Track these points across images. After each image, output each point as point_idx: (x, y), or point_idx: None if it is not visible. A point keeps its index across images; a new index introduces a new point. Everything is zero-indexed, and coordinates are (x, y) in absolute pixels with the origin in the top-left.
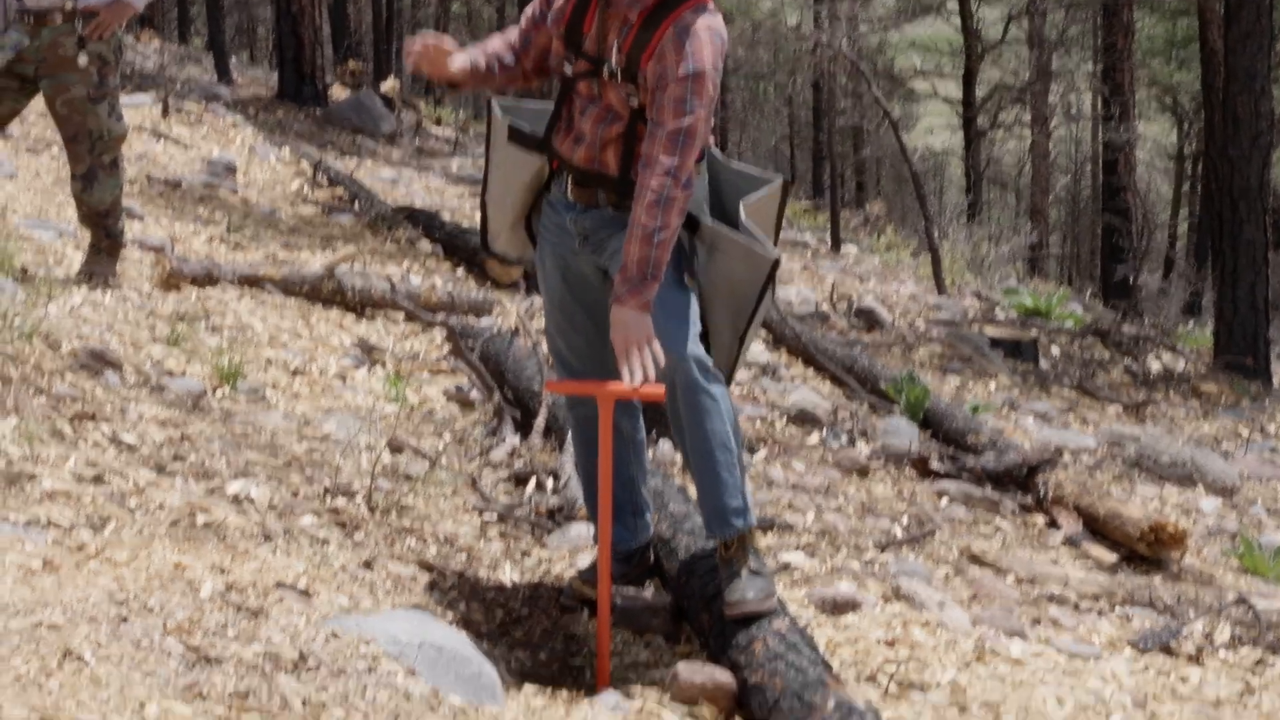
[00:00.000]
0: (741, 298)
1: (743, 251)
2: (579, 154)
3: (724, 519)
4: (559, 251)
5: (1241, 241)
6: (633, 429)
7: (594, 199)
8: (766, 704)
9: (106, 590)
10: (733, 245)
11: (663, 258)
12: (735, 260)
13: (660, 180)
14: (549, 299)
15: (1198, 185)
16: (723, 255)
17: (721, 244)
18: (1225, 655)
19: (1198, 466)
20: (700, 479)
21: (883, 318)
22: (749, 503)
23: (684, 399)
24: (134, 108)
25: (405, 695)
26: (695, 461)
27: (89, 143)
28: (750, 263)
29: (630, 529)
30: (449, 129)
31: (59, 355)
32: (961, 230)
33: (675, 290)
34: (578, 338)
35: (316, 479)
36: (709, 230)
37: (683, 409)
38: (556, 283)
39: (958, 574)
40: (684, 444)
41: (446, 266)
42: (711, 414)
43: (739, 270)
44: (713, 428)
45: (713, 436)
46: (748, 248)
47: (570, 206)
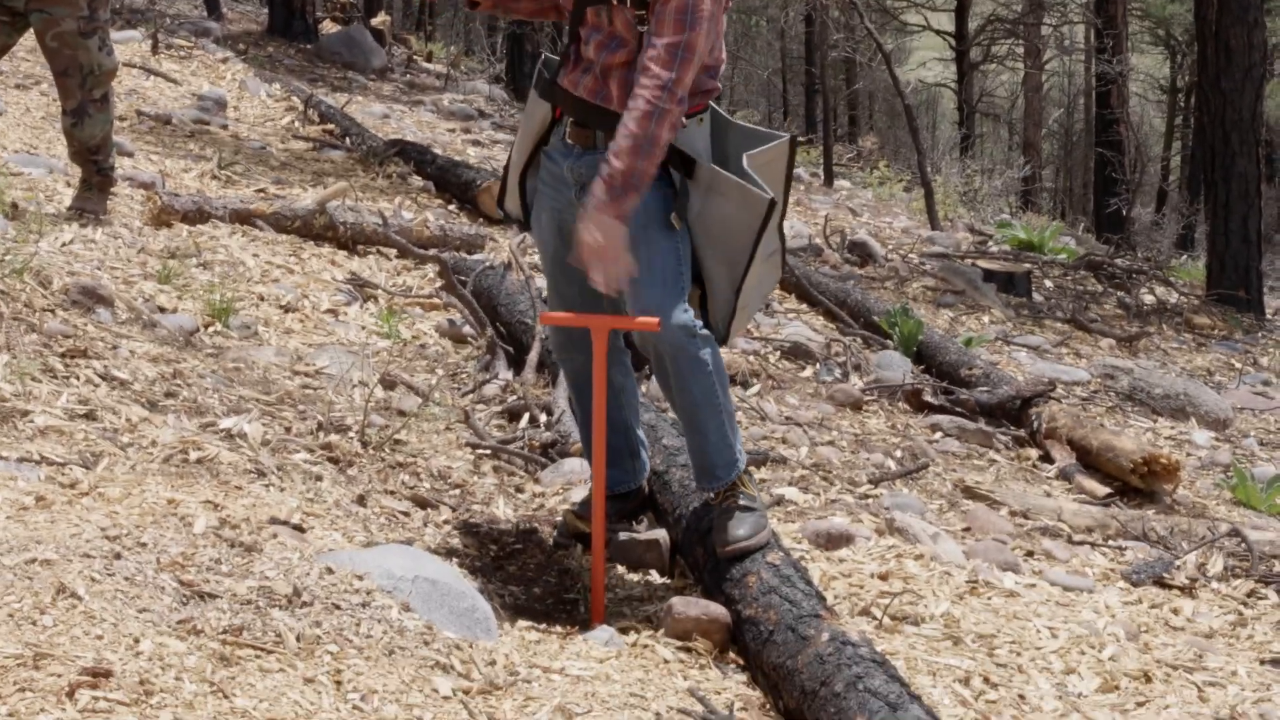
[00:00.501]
0: (737, 243)
1: (738, 192)
2: (584, 84)
3: (712, 475)
4: (555, 205)
5: (1234, 174)
6: (622, 377)
7: (592, 140)
8: (761, 637)
9: (100, 526)
10: (729, 186)
11: (648, 171)
12: (730, 202)
13: (655, 93)
14: (544, 253)
15: (1190, 118)
16: (718, 197)
17: (718, 185)
18: (1218, 587)
19: (1190, 399)
20: (689, 438)
21: (876, 252)
22: (738, 452)
23: (671, 366)
24: (124, 43)
25: (399, 630)
26: (683, 420)
27: (79, 77)
28: (745, 203)
29: (628, 471)
30: (440, 64)
31: (50, 292)
32: (954, 164)
33: (662, 250)
34: (571, 289)
35: (309, 415)
36: (705, 171)
37: (670, 373)
38: (551, 236)
39: (951, 507)
40: (672, 402)
41: (438, 202)
42: (699, 377)
43: (734, 212)
44: (700, 391)
45: (700, 399)
46: (742, 188)
47: (568, 152)
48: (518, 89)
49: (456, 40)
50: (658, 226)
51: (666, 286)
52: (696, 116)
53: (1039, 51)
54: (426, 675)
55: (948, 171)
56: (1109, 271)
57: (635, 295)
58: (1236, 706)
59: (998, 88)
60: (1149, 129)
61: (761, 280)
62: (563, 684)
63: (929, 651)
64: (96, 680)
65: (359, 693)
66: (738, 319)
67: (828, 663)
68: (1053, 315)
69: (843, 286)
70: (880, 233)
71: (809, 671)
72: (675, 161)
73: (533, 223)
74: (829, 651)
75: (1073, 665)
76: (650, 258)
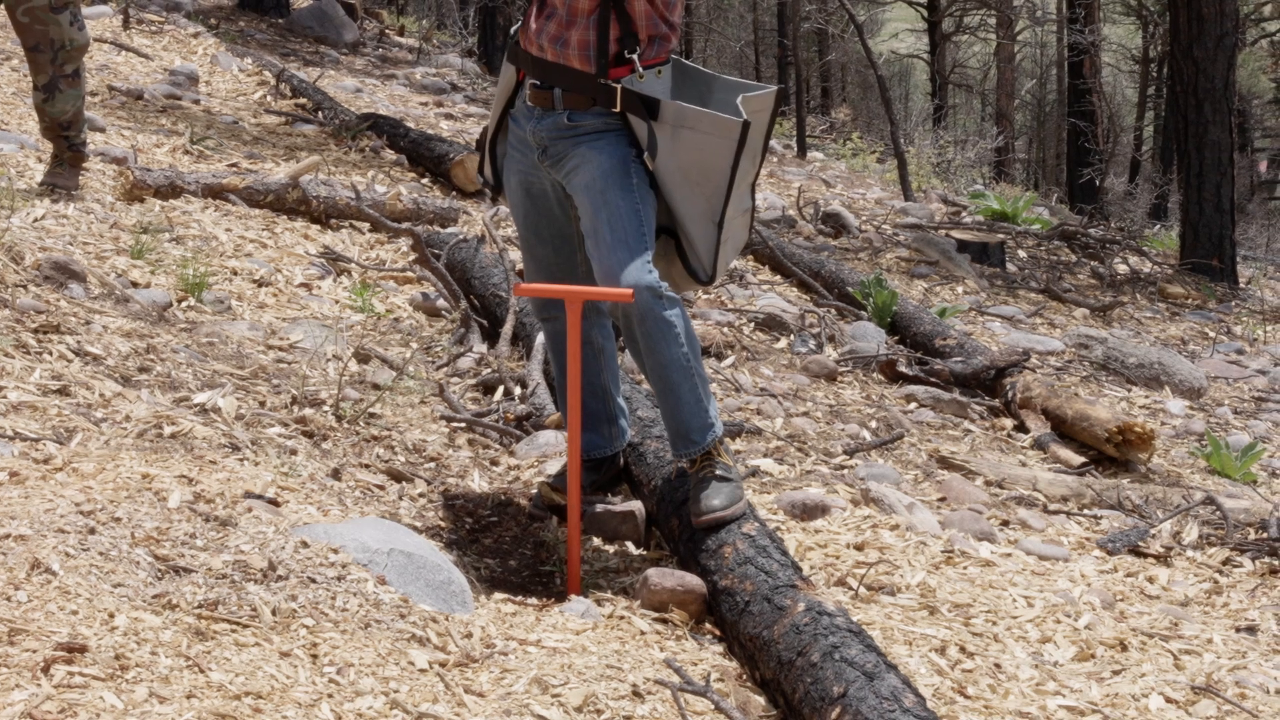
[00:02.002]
0: (715, 175)
1: (710, 121)
2: (547, 32)
3: (687, 439)
4: (521, 168)
5: (1207, 143)
6: (603, 339)
7: (549, 101)
8: (737, 608)
9: (74, 501)
10: (699, 118)
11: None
12: (703, 133)
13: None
14: (515, 215)
15: (1163, 88)
16: (689, 132)
17: (687, 119)
18: (1193, 555)
19: (1165, 368)
20: (662, 402)
21: (849, 223)
22: (712, 417)
23: (640, 328)
24: (95, 19)
25: (375, 603)
26: (655, 385)
27: (51, 53)
28: (720, 130)
29: (605, 436)
30: (412, 38)
31: (22, 267)
32: (927, 135)
33: (621, 211)
34: (544, 248)
35: (283, 389)
36: (671, 108)
37: (639, 337)
38: (520, 198)
39: (926, 477)
40: (643, 368)
41: (411, 176)
42: (668, 338)
43: (709, 143)
44: (670, 353)
45: (671, 361)
46: (713, 116)
47: (529, 115)
48: (490, 62)
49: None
50: (617, 188)
51: (630, 247)
52: (655, 68)
53: (1011, 22)
54: (403, 648)
55: (921, 143)
56: (1082, 241)
57: (598, 257)
58: (1212, 674)
59: (970, 59)
60: (1121, 99)
61: (735, 233)
62: (539, 656)
63: (905, 621)
64: (71, 655)
65: (335, 666)
66: (722, 254)
67: (804, 633)
68: (1027, 285)
69: (816, 258)
70: (854, 204)
71: (785, 642)
72: (637, 107)
73: (505, 186)
74: (805, 622)
75: (1049, 634)
76: (610, 219)
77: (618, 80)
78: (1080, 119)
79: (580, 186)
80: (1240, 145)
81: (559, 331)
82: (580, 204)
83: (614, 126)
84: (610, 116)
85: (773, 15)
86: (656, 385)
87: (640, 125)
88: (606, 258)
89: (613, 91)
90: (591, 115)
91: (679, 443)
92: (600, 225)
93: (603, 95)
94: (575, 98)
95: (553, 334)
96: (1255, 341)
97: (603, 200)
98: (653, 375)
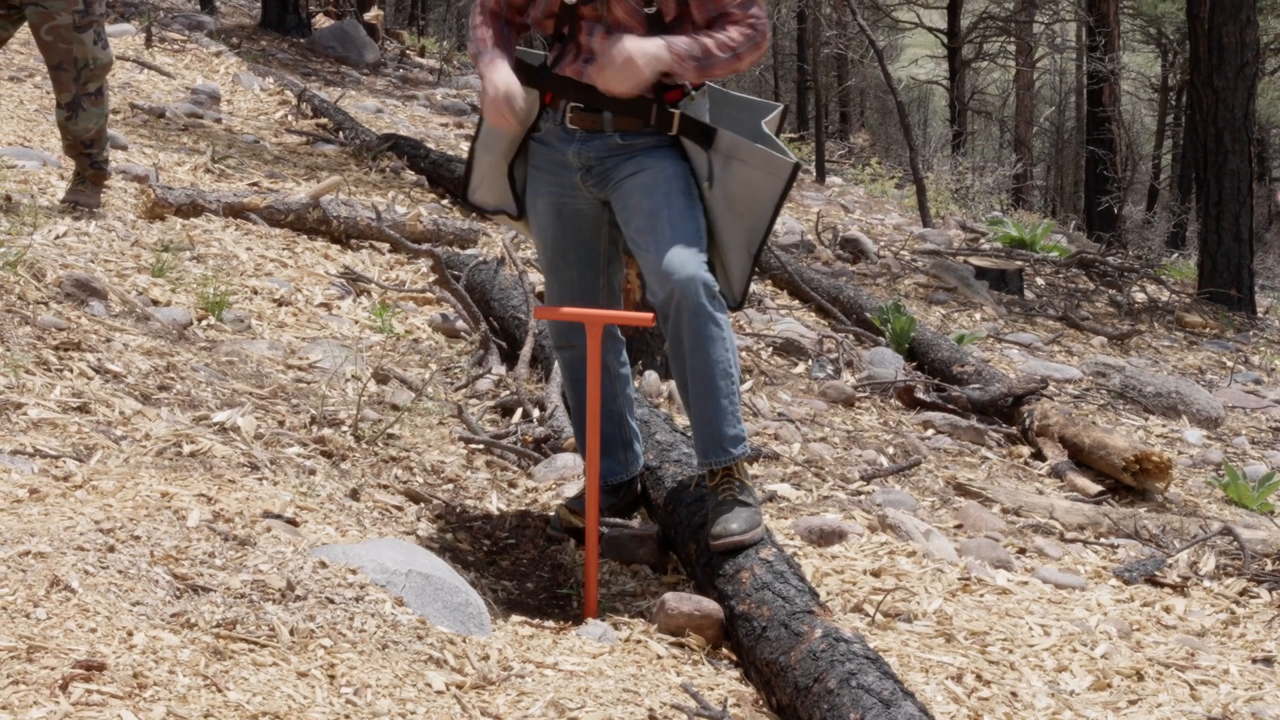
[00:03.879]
0: (759, 209)
1: (762, 158)
2: (589, 73)
3: (721, 447)
4: (553, 190)
5: (1226, 172)
6: (618, 364)
7: (598, 124)
8: (754, 633)
9: (93, 519)
10: (752, 153)
11: (713, 69)
12: (754, 168)
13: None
14: (540, 238)
15: (1182, 116)
16: (741, 165)
17: (740, 153)
18: (1210, 585)
19: (1182, 397)
20: (700, 406)
21: (868, 248)
22: (744, 431)
23: (690, 324)
24: (117, 37)
25: (393, 624)
26: (696, 388)
27: (74, 71)
28: (771, 168)
29: (621, 462)
30: (433, 59)
31: (44, 285)
32: (946, 161)
33: (687, 213)
34: (570, 271)
35: (303, 409)
36: (726, 139)
37: (687, 334)
38: (550, 220)
39: (943, 504)
40: (683, 370)
41: (431, 196)
42: (716, 341)
43: (758, 178)
44: (716, 355)
45: (716, 364)
46: (767, 154)
47: (569, 137)
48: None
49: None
50: (680, 193)
51: (688, 244)
52: (700, 89)
53: (1031, 49)
54: (420, 670)
55: (939, 169)
56: (1101, 269)
57: (656, 250)
58: (1228, 705)
59: (989, 85)
60: (1140, 127)
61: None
62: (556, 679)
63: (922, 648)
64: (90, 673)
65: (352, 687)
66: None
67: (821, 659)
68: (1044, 313)
69: (835, 283)
70: (872, 229)
71: (802, 668)
72: (694, 133)
73: (528, 209)
74: (822, 648)
75: (1065, 663)
76: (672, 217)
77: (673, 104)
78: (1099, 147)
79: (639, 187)
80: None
81: (576, 360)
82: (636, 205)
83: (666, 144)
84: (664, 136)
85: (792, 40)
86: (697, 386)
87: (696, 151)
88: (665, 250)
89: (670, 116)
90: (645, 135)
91: (710, 449)
92: (660, 222)
93: (660, 119)
94: (628, 120)
95: (569, 362)
96: (1273, 371)
97: (665, 200)
98: (695, 375)
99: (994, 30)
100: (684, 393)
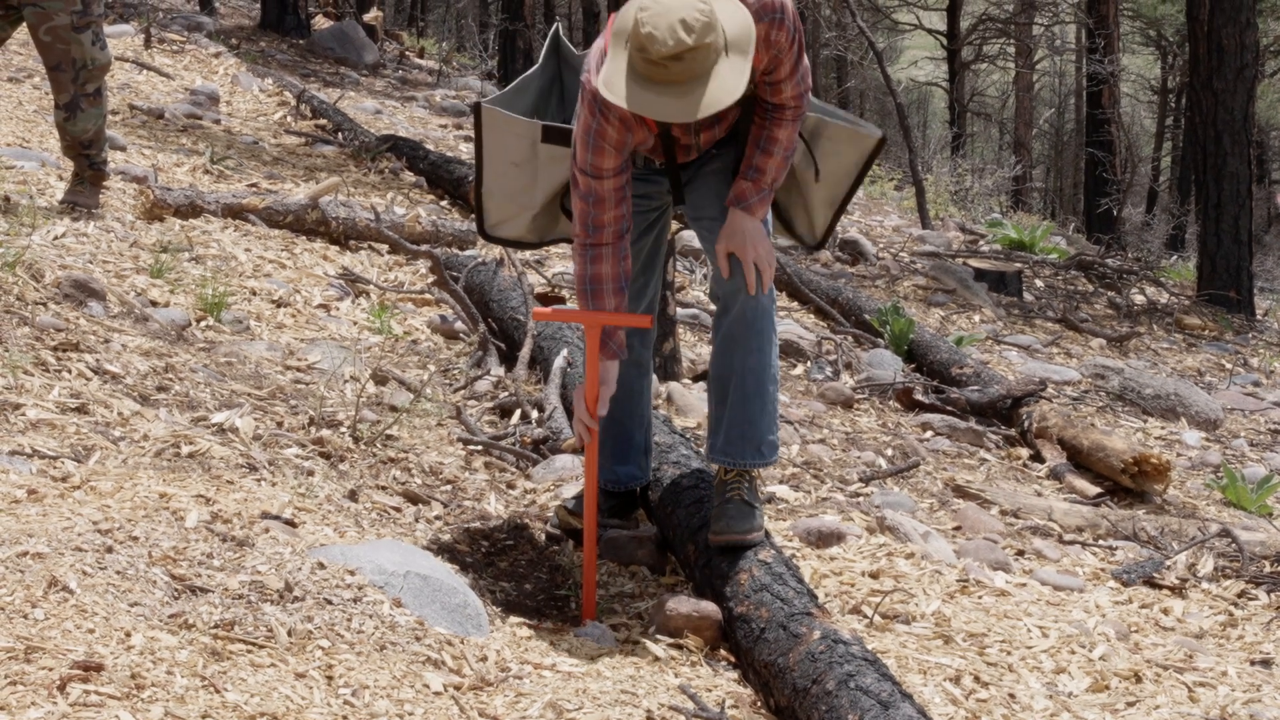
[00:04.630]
0: (843, 178)
1: (848, 134)
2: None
3: (758, 450)
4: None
5: (1225, 174)
6: (649, 359)
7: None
8: (752, 635)
9: (91, 520)
10: (838, 130)
11: (785, 172)
12: (841, 143)
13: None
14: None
15: (1181, 119)
16: (827, 141)
17: (826, 131)
18: (1208, 587)
19: (1181, 399)
20: (747, 406)
21: (867, 250)
22: (779, 440)
23: (753, 324)
24: (116, 37)
25: (391, 625)
26: (749, 387)
27: (72, 72)
28: (856, 143)
29: (642, 469)
30: (432, 60)
31: (42, 285)
32: (946, 163)
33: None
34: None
35: (301, 410)
36: (811, 120)
37: (746, 334)
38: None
39: (942, 506)
40: (731, 365)
41: (430, 198)
42: (773, 344)
43: (845, 152)
44: (770, 358)
45: (769, 368)
46: (853, 130)
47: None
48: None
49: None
50: None
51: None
52: None
53: (1030, 51)
54: (418, 671)
55: (939, 170)
56: (1100, 271)
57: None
58: (1226, 707)
59: (989, 87)
60: (1140, 129)
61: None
62: (554, 680)
63: (920, 650)
64: (88, 674)
65: (350, 688)
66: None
67: (819, 660)
68: (1043, 315)
69: (834, 285)
70: (871, 231)
71: (800, 669)
72: None
73: None
74: (820, 649)
75: (1063, 665)
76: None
77: None
78: (1098, 149)
79: (714, 172)
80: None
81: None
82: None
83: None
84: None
85: None
86: (746, 384)
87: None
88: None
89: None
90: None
91: (745, 450)
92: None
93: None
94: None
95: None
96: (1272, 374)
97: None
98: (747, 376)
99: (993, 32)
100: (723, 388)
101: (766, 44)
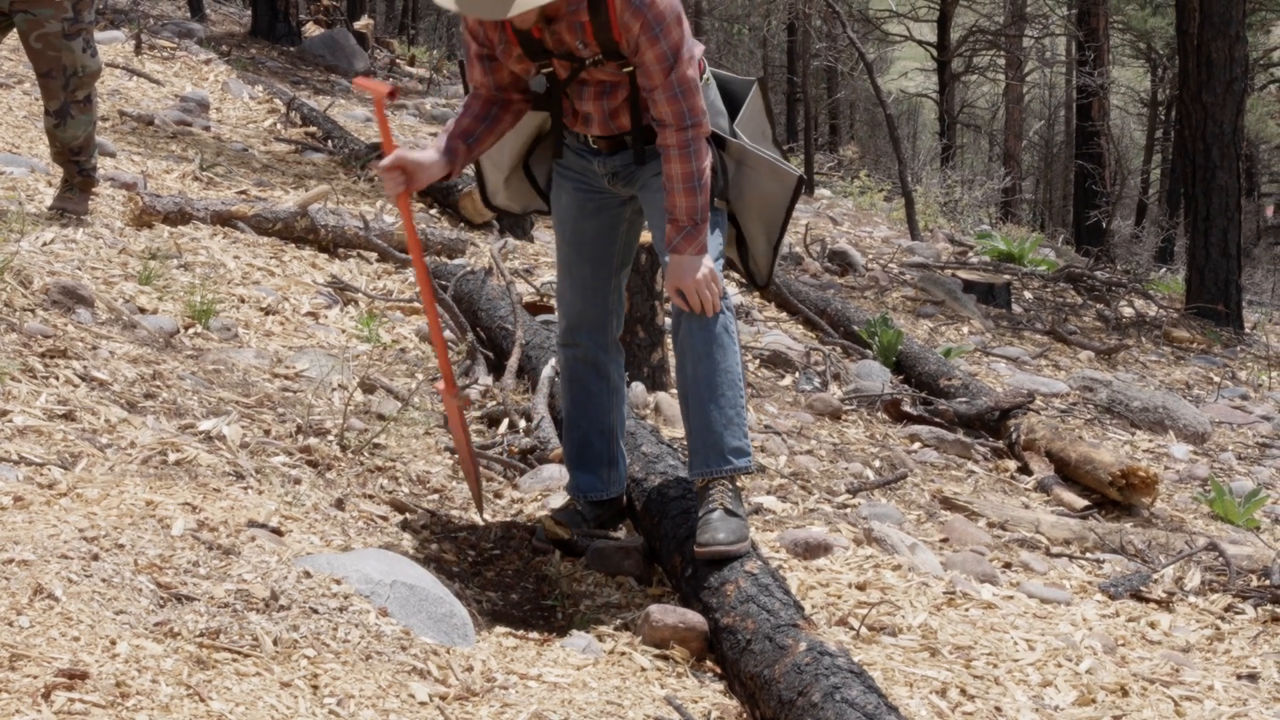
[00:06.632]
0: (773, 211)
1: (768, 168)
2: (593, 129)
3: (722, 455)
4: (579, 185)
5: (1214, 187)
6: (618, 376)
7: (620, 145)
8: (738, 646)
9: (78, 528)
10: (759, 162)
11: (707, 200)
12: (763, 176)
13: (679, 135)
14: (561, 232)
15: (1171, 131)
16: (751, 170)
17: (749, 160)
18: (1195, 601)
19: (1169, 412)
20: (704, 413)
21: (856, 261)
22: (749, 445)
23: (697, 332)
24: (107, 44)
25: (377, 635)
26: (703, 394)
27: (63, 78)
28: (777, 179)
29: (603, 480)
30: (423, 68)
31: (30, 292)
32: (935, 174)
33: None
34: (583, 268)
35: (289, 418)
36: (735, 147)
37: (701, 339)
38: (572, 214)
39: (929, 518)
40: (692, 376)
41: (420, 206)
42: (728, 350)
43: (768, 185)
44: (727, 364)
45: (726, 373)
46: (773, 165)
47: (591, 151)
48: None
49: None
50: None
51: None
52: (704, 77)
53: (1020, 63)
54: (403, 681)
55: (928, 182)
56: (1088, 284)
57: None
58: None
59: (979, 99)
60: (1129, 142)
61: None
62: (539, 691)
63: (906, 662)
64: (73, 682)
65: (336, 697)
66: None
67: (805, 672)
68: (1032, 327)
69: (822, 295)
70: (860, 242)
71: (786, 681)
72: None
73: (552, 202)
74: (806, 661)
75: (1049, 678)
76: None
77: None
78: (1088, 161)
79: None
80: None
81: (578, 360)
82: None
83: None
84: None
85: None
86: (704, 394)
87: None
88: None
89: None
90: None
91: (711, 457)
92: None
93: None
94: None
95: (570, 361)
96: (1260, 387)
97: None
98: (703, 381)
99: (984, 44)
100: (685, 399)
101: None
